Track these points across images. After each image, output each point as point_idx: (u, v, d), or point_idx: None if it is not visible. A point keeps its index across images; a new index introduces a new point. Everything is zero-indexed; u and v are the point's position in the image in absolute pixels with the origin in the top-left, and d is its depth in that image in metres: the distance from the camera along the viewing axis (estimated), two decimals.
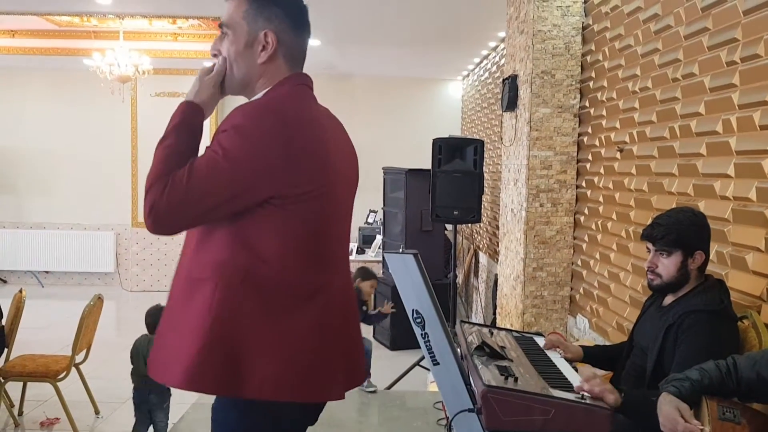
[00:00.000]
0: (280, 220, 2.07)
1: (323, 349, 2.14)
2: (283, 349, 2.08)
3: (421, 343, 2.73)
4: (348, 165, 2.32)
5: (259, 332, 2.06)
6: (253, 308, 2.06)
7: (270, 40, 2.19)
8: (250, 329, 2.06)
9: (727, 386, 2.22)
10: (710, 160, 3.37)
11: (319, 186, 2.10)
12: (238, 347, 2.05)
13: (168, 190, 2.01)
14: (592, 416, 2.37)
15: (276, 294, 2.08)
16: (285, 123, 2.06)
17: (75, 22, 9.25)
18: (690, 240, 2.80)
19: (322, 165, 2.12)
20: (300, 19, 2.28)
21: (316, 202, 2.11)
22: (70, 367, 5.78)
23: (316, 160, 2.10)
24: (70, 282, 12.42)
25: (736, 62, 3.16)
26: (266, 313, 2.07)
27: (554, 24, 5.22)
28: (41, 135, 12.14)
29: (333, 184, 2.16)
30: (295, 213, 2.08)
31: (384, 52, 9.91)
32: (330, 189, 2.15)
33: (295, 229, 2.09)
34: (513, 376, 2.52)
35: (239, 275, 2.06)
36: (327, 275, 2.18)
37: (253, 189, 2.03)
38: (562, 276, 5.35)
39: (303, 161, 2.06)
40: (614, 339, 4.37)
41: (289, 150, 2.03)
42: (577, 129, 5.28)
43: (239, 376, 2.05)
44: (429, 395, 5.56)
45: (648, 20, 4.12)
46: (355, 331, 2.37)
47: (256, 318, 2.06)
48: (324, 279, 2.17)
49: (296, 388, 2.10)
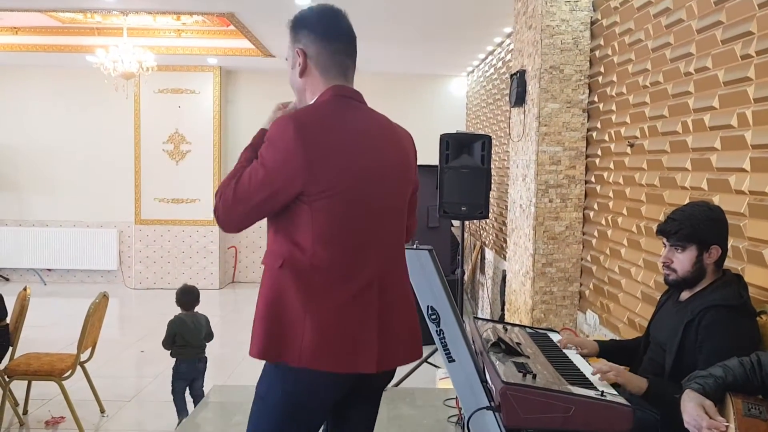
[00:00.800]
0: (309, 214, 2.37)
1: (352, 326, 2.39)
2: (316, 323, 2.35)
3: (437, 339, 2.71)
4: (385, 165, 2.50)
5: (298, 309, 2.37)
6: (293, 289, 2.38)
7: (299, 55, 2.56)
8: (291, 306, 2.38)
9: (752, 383, 2.19)
10: (725, 154, 3.33)
11: (338, 184, 2.37)
12: (282, 321, 2.39)
13: (223, 195, 2.45)
14: (613, 413, 2.35)
15: (310, 276, 2.38)
16: (302, 131, 2.34)
17: (78, 18, 9.23)
18: (704, 235, 2.77)
19: (342, 167, 2.38)
20: (326, 29, 2.60)
21: (339, 198, 2.37)
22: (75, 365, 5.75)
23: (335, 162, 2.37)
24: (73, 280, 12.41)
25: (751, 56, 3.13)
26: (303, 292, 2.37)
27: (563, 19, 5.19)
28: (44, 132, 12.12)
29: (357, 183, 2.41)
30: (321, 207, 2.36)
31: (388, 49, 9.88)
32: (352, 186, 2.39)
33: (322, 222, 2.37)
34: (531, 372, 2.49)
35: (281, 262, 2.40)
36: (357, 263, 2.42)
37: (285, 188, 2.35)
38: (571, 272, 5.32)
39: (321, 163, 2.35)
40: (625, 335, 4.34)
41: (308, 154, 2.33)
42: (586, 124, 5.25)
43: (281, 345, 2.37)
44: (439, 392, 5.53)
45: (659, 14, 4.09)
46: (400, 314, 2.52)
47: (295, 297, 2.38)
48: (354, 266, 2.42)
49: (324, 359, 2.35)
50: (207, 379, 6.01)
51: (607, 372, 2.60)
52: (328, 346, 2.36)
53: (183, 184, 11.97)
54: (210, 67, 11.72)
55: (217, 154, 11.92)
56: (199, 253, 12.07)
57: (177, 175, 11.96)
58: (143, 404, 6.59)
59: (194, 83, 11.87)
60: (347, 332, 2.38)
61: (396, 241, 2.57)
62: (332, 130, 2.42)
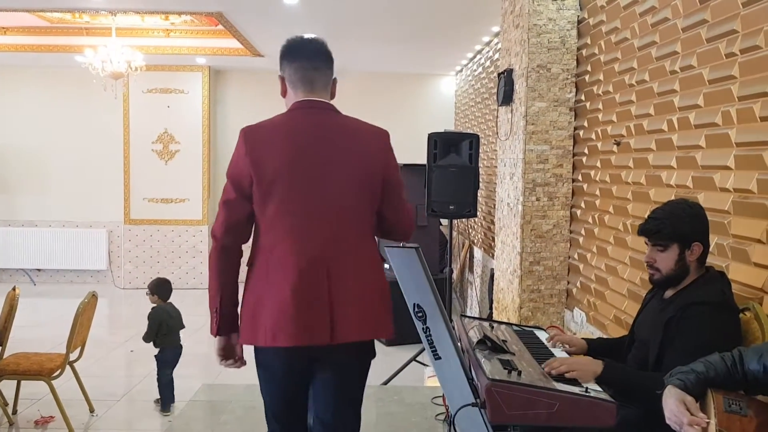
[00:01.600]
0: (260, 203, 2.85)
1: (267, 300, 2.81)
2: (245, 301, 2.90)
3: (423, 337, 2.72)
4: (332, 160, 2.87)
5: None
6: (250, 263, 2.95)
7: (280, 80, 3.04)
8: (246, 280, 2.96)
9: (733, 379, 2.21)
10: (710, 152, 3.36)
11: (273, 176, 2.81)
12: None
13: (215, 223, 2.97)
14: (597, 409, 2.37)
15: (255, 254, 2.91)
16: (248, 136, 2.87)
17: (67, 18, 9.22)
18: (685, 232, 2.79)
19: (277, 163, 2.81)
20: (291, 53, 3.01)
21: (276, 186, 2.81)
22: (64, 365, 5.75)
23: (270, 159, 2.81)
24: (63, 280, 12.38)
25: (736, 54, 3.15)
26: (249, 265, 2.95)
27: (549, 18, 5.21)
28: (33, 132, 12.09)
29: (297, 175, 2.82)
30: (265, 194, 2.82)
31: (377, 48, 9.90)
32: (290, 178, 2.81)
33: (267, 205, 2.83)
34: (516, 369, 2.51)
35: (250, 260, 2.94)
36: (279, 240, 2.82)
37: (240, 183, 2.86)
38: (558, 270, 5.34)
39: (259, 159, 2.82)
40: (612, 332, 4.36)
41: (251, 155, 2.83)
42: (573, 123, 5.27)
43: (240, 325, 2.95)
44: (427, 390, 5.55)
45: (645, 13, 4.11)
46: (349, 292, 2.83)
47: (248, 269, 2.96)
48: (272, 242, 2.84)
49: (247, 335, 2.88)
50: (195, 378, 6.06)
51: (558, 367, 2.62)
52: (250, 324, 2.86)
53: (172, 184, 11.96)
54: (199, 66, 11.71)
55: (206, 154, 11.91)
56: (188, 253, 12.07)
57: (166, 175, 11.95)
58: (132, 403, 6.59)
59: (183, 83, 11.86)
60: (263, 308, 2.81)
61: (343, 224, 2.86)
62: (276, 134, 2.87)
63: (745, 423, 2.07)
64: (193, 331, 9.23)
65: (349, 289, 2.81)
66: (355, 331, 2.81)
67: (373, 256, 2.95)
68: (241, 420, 5.11)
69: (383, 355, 7.89)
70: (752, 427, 2.07)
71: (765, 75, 2.92)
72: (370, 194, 2.91)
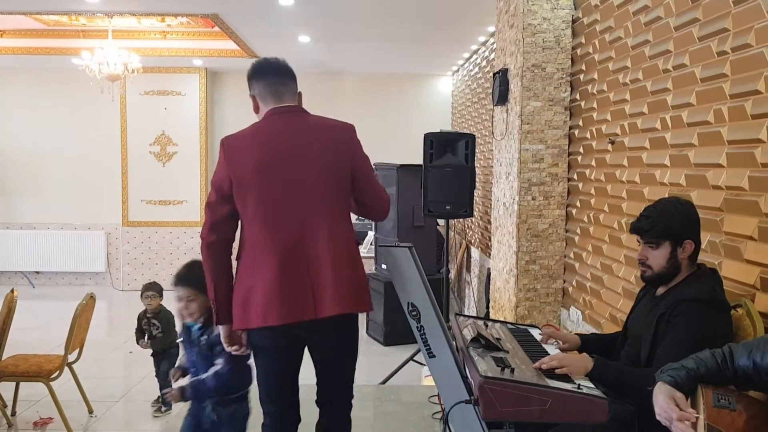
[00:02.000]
0: (242, 200, 3.15)
1: (256, 287, 3.09)
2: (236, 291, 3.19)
3: (417, 336, 2.74)
4: (302, 154, 3.17)
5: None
6: (237, 257, 3.25)
7: (252, 99, 3.35)
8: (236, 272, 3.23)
9: (724, 374, 2.22)
10: (702, 150, 3.37)
11: (249, 176, 3.12)
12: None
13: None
14: (589, 405, 2.38)
15: (241, 248, 3.21)
16: (226, 145, 3.21)
17: (63, 21, 9.22)
18: (677, 230, 2.81)
19: (251, 164, 3.12)
20: (258, 72, 3.32)
21: (252, 185, 3.12)
22: (63, 366, 5.77)
23: (245, 162, 3.14)
24: (61, 282, 12.39)
25: (727, 52, 3.16)
26: (237, 259, 3.24)
27: (544, 17, 5.23)
28: (31, 135, 12.09)
29: (265, 172, 3.12)
30: (244, 193, 3.13)
31: (373, 49, 9.91)
32: (258, 176, 3.12)
33: (247, 202, 3.14)
34: (509, 367, 2.53)
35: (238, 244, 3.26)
36: (259, 232, 3.13)
37: (221, 187, 3.18)
38: (554, 269, 5.36)
39: (236, 164, 3.15)
40: (607, 330, 4.37)
41: (229, 161, 3.17)
42: (568, 122, 5.29)
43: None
44: (424, 389, 5.57)
45: (638, 12, 4.13)
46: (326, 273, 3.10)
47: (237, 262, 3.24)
48: (254, 235, 3.14)
49: (239, 321, 3.16)
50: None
51: (549, 362, 2.65)
52: (239, 308, 3.15)
53: (170, 186, 11.98)
54: (196, 68, 11.73)
55: (203, 156, 11.93)
56: (186, 255, 12.04)
57: (164, 177, 11.97)
58: (131, 404, 6.60)
59: (180, 85, 11.88)
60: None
61: (313, 214, 3.14)
62: (251, 139, 3.21)
63: (734, 417, 2.09)
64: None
65: (326, 270, 3.08)
66: (336, 305, 3.06)
67: (348, 237, 3.23)
68: None
69: (381, 355, 7.97)
70: (741, 421, 2.09)
71: (756, 73, 2.94)
72: (341, 182, 3.23)
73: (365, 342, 8.58)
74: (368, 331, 8.88)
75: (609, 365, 2.76)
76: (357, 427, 3.48)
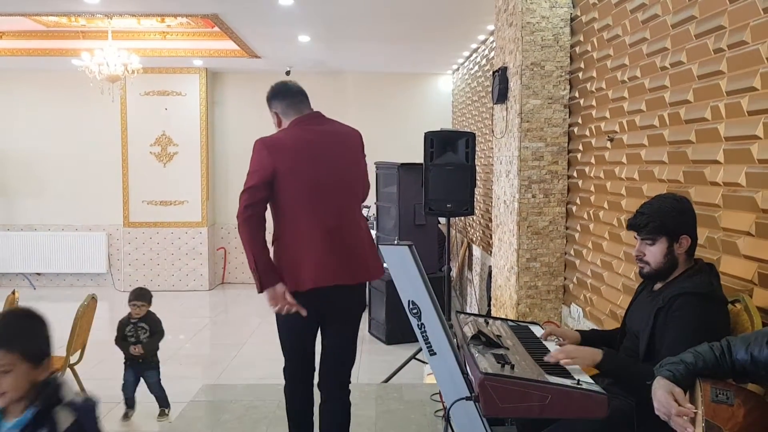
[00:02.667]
0: (281, 187, 3.71)
1: (305, 258, 3.70)
2: (284, 262, 3.76)
3: (418, 333, 2.76)
4: (329, 156, 3.83)
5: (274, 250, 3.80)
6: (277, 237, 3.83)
7: (274, 116, 4.00)
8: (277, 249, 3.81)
9: (722, 368, 2.24)
10: (700, 146, 3.39)
11: (288, 168, 3.70)
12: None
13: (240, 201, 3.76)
14: (589, 401, 2.40)
15: (283, 228, 3.78)
16: (265, 142, 3.75)
17: (63, 22, 9.24)
18: (673, 225, 2.83)
19: (289, 156, 3.72)
20: (280, 93, 3.97)
21: (290, 176, 3.70)
22: (64, 367, 5.78)
23: (284, 155, 3.72)
24: (63, 283, 12.41)
25: (723, 49, 3.18)
26: (277, 239, 3.82)
27: (543, 16, 5.24)
28: (31, 136, 12.12)
29: (307, 168, 3.72)
30: (283, 183, 3.70)
31: (374, 48, 9.92)
32: (303, 170, 3.72)
33: (285, 191, 3.72)
34: (510, 363, 2.54)
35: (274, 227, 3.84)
36: (302, 215, 3.73)
37: (264, 172, 3.68)
38: (555, 266, 5.37)
39: (283, 157, 3.71)
40: (608, 327, 4.39)
41: (271, 155, 3.71)
42: (567, 120, 5.30)
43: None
44: (426, 387, 5.59)
45: (635, 10, 4.15)
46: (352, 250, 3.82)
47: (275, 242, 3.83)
48: (298, 216, 3.73)
49: (291, 284, 3.68)
50: (195, 379, 6.07)
51: (557, 356, 2.68)
52: (290, 275, 3.71)
53: (171, 186, 11.99)
54: (196, 68, 11.74)
55: (204, 156, 11.93)
56: (188, 255, 12.10)
57: (165, 177, 11.98)
58: None
59: (180, 85, 11.89)
60: (299, 263, 3.70)
61: (345, 202, 3.86)
62: (288, 139, 3.82)
63: (732, 411, 2.11)
64: (195, 332, 9.29)
65: (355, 245, 3.84)
66: (365, 274, 3.88)
67: (365, 220, 4.04)
68: (242, 420, 5.14)
69: (383, 353, 8.00)
70: (740, 414, 2.11)
71: (752, 70, 2.95)
72: (360, 177, 4.01)
73: (368, 341, 8.59)
74: (371, 330, 8.90)
75: (617, 358, 2.79)
76: (359, 425, 3.52)
